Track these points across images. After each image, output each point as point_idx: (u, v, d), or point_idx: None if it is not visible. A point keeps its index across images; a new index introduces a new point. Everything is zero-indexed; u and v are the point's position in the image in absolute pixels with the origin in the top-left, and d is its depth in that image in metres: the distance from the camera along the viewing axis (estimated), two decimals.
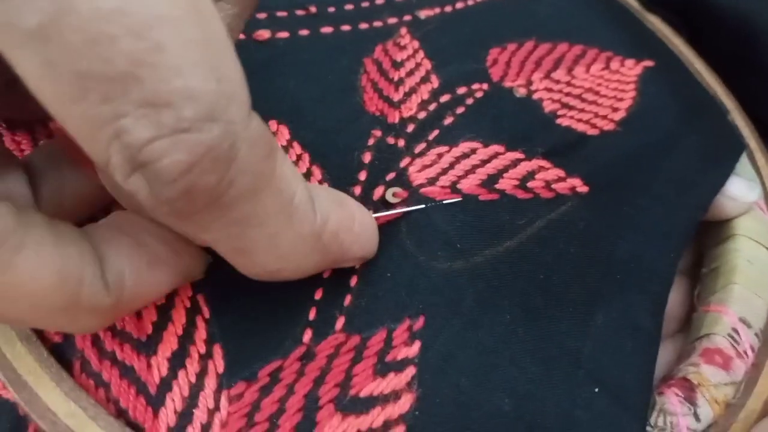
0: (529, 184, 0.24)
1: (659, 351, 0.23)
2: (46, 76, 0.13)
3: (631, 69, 0.29)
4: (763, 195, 0.28)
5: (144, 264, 0.17)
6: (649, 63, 0.29)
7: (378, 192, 0.23)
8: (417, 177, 0.23)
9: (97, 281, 0.16)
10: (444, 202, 0.23)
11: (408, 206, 0.22)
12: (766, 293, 0.25)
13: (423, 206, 0.22)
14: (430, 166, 0.24)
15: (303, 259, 0.18)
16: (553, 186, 0.24)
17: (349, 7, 0.29)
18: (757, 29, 0.32)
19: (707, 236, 0.27)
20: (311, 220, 0.17)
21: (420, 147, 0.24)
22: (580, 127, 0.26)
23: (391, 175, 0.23)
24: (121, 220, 0.18)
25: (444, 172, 0.23)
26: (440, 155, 0.24)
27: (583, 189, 0.24)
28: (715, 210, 0.27)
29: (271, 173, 0.16)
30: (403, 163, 0.23)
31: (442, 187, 0.23)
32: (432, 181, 0.23)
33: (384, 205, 0.23)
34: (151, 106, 0.13)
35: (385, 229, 0.22)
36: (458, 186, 0.23)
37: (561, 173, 0.25)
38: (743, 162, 0.28)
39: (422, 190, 0.23)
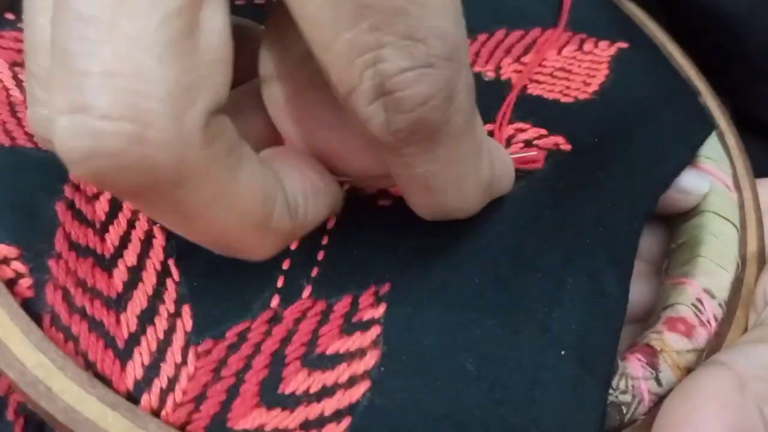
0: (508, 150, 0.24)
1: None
2: (329, 3, 0.14)
3: (605, 50, 0.30)
4: (732, 174, 0.28)
5: (310, 192, 0.18)
6: (623, 44, 0.30)
7: None
8: None
9: (283, 204, 0.17)
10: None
11: None
12: (731, 266, 0.25)
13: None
14: None
15: (475, 200, 0.20)
16: (535, 143, 0.25)
17: None
18: (739, 21, 0.33)
19: (676, 214, 0.28)
20: (489, 164, 0.20)
21: None
22: (552, 96, 0.27)
23: None
24: (284, 154, 0.19)
25: None
26: None
27: (566, 147, 0.25)
28: (669, 205, 0.27)
29: (473, 117, 0.18)
30: None
31: None
32: None
33: None
34: (410, 40, 0.15)
35: (352, 212, 0.22)
36: None
37: (543, 131, 0.25)
38: (712, 142, 0.29)
39: None
